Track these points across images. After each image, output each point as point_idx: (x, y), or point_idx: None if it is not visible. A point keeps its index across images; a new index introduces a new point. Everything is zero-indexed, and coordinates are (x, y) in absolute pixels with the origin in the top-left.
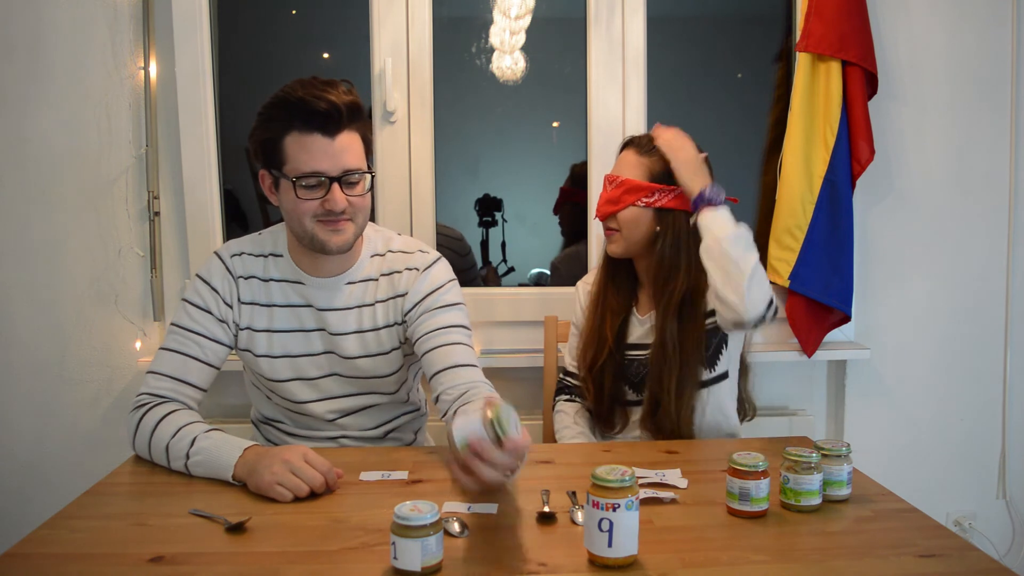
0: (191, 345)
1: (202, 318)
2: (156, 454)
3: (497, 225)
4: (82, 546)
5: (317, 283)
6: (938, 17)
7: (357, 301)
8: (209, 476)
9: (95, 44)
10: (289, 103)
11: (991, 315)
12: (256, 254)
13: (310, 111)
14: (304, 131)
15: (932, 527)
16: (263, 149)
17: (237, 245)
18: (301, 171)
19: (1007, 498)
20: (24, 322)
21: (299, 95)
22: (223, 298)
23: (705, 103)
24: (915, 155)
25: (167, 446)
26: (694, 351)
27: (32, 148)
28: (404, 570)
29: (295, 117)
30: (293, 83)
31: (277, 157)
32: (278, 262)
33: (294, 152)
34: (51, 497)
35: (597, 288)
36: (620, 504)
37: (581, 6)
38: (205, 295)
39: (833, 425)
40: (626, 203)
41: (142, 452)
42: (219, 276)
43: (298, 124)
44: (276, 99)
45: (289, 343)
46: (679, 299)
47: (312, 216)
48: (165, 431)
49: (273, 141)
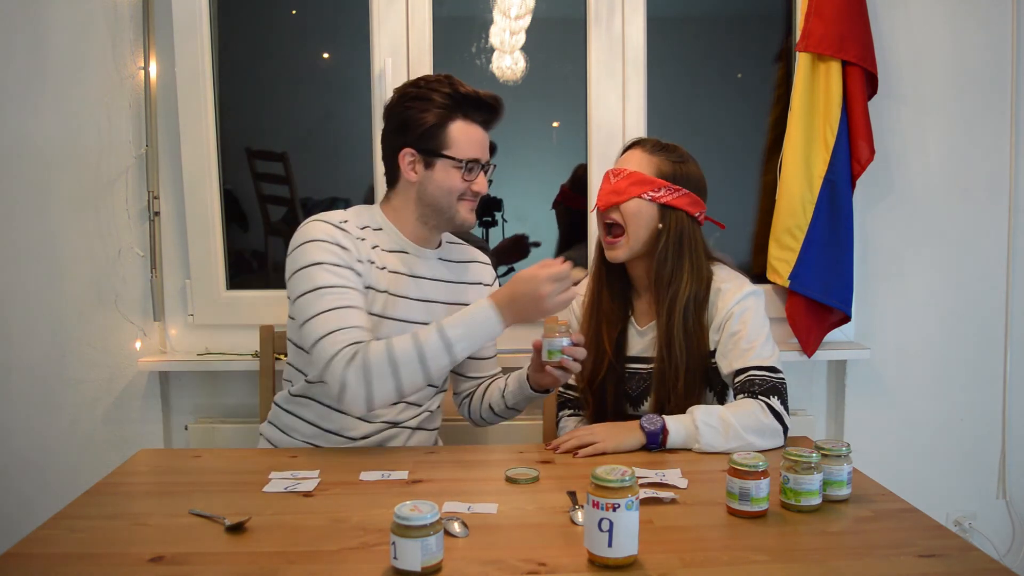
0: (350, 296)
1: (346, 274)
2: (408, 375)
3: (497, 225)
4: (82, 546)
5: (420, 252)
6: (938, 17)
7: (448, 276)
8: (480, 344)
9: (95, 44)
10: (461, 95)
11: (991, 315)
12: (358, 225)
13: (480, 105)
14: (469, 121)
15: (932, 527)
16: (423, 131)
17: (335, 215)
18: (466, 155)
19: (1007, 498)
20: (24, 322)
21: (470, 92)
22: (355, 256)
23: (705, 103)
24: (915, 155)
25: (419, 355)
26: (700, 360)
27: (32, 148)
28: (404, 570)
29: (464, 108)
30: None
31: (437, 140)
32: (378, 234)
33: (459, 137)
34: (51, 497)
35: (590, 297)
36: (620, 504)
37: (581, 6)
38: (340, 253)
39: (833, 425)
40: (631, 195)
41: (384, 394)
42: (343, 237)
43: (464, 114)
44: (442, 89)
45: (396, 306)
46: (684, 304)
47: (459, 194)
48: (404, 350)
49: (437, 126)
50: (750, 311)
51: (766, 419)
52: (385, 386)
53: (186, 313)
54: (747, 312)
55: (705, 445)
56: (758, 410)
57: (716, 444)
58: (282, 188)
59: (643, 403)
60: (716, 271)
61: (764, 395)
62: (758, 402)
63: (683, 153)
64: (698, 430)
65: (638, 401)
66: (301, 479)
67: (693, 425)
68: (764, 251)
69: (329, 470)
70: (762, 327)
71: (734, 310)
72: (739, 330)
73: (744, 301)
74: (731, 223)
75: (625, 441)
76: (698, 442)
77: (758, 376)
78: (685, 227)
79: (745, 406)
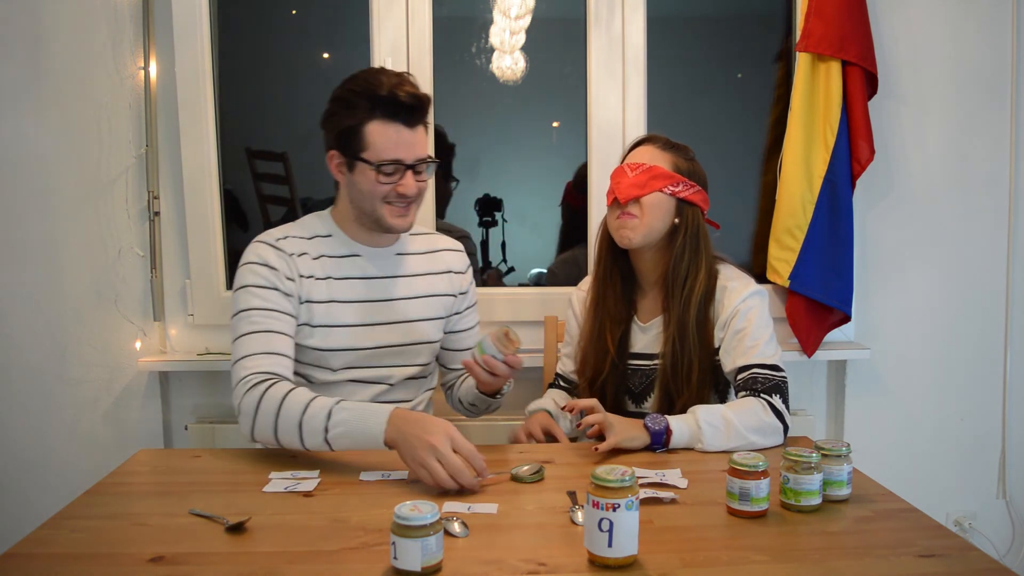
0: (270, 321)
1: (270, 295)
2: (285, 434)
3: (497, 225)
4: (82, 546)
5: (374, 253)
6: (938, 17)
7: (409, 271)
8: (355, 447)
9: (95, 44)
10: (374, 94)
11: (991, 315)
12: (300, 236)
13: (396, 103)
14: (387, 120)
15: (932, 527)
16: (342, 133)
17: (279, 231)
18: (383, 158)
19: (1007, 498)
20: (24, 322)
21: (385, 87)
22: (284, 274)
23: (705, 103)
24: (915, 155)
25: (299, 423)
26: (707, 356)
27: (32, 148)
28: (404, 570)
29: (379, 107)
30: (370, 73)
31: (356, 142)
32: (327, 241)
33: (375, 139)
34: (51, 497)
35: (594, 293)
36: (620, 504)
37: (581, 6)
38: (266, 275)
39: (833, 425)
40: (653, 188)
41: (264, 435)
42: (275, 257)
43: (381, 113)
44: (359, 88)
45: (347, 313)
46: (698, 300)
47: (383, 199)
48: (292, 410)
49: (353, 128)
50: (755, 309)
51: (767, 418)
52: (265, 429)
53: (186, 313)
54: (752, 311)
55: (708, 445)
56: (759, 409)
57: (718, 444)
58: (282, 188)
59: (646, 399)
60: (722, 269)
61: (766, 393)
62: (759, 400)
63: (692, 151)
64: (701, 430)
65: (641, 398)
66: (301, 479)
67: (696, 425)
68: (764, 251)
69: (329, 470)
70: (766, 326)
71: (740, 308)
72: (744, 328)
73: (750, 299)
74: (731, 223)
75: (634, 438)
76: (701, 442)
77: (761, 374)
78: (700, 223)
79: (747, 405)
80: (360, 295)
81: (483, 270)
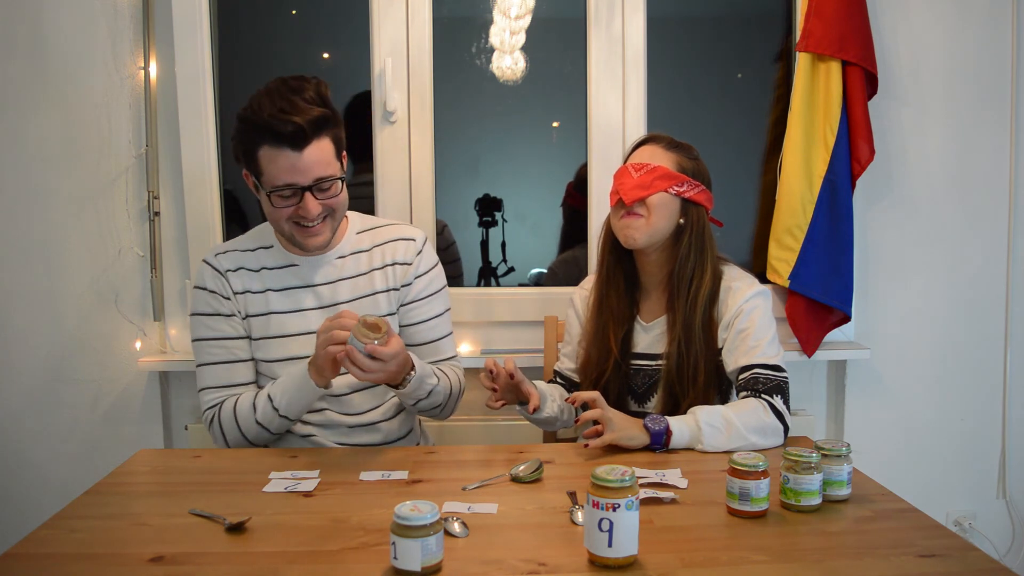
0: (220, 352)
1: (214, 323)
2: (255, 435)
3: (497, 225)
4: (82, 546)
5: (310, 261)
6: (938, 17)
7: (352, 272)
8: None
9: (95, 44)
10: (256, 124)
11: (991, 315)
12: (243, 249)
13: (276, 133)
14: (274, 147)
15: (932, 527)
16: (242, 157)
17: (222, 246)
18: (274, 184)
19: (1007, 498)
20: (24, 322)
21: (265, 117)
22: (220, 294)
23: (705, 103)
24: (915, 155)
25: (256, 421)
26: (712, 357)
27: (32, 148)
28: (404, 570)
29: (263, 136)
30: (261, 97)
31: (254, 167)
32: (269, 252)
33: (266, 166)
34: (51, 497)
35: (597, 292)
36: (620, 504)
37: (581, 6)
38: (207, 299)
39: (833, 425)
40: (658, 188)
41: (236, 440)
42: (210, 277)
43: (268, 140)
44: (246, 113)
45: (288, 323)
46: (704, 300)
47: (288, 219)
48: (245, 416)
49: (248, 153)
50: (759, 309)
51: (768, 418)
52: (236, 437)
53: (186, 313)
54: (756, 311)
55: (708, 445)
56: (760, 409)
57: (719, 444)
58: None
59: (649, 399)
60: (726, 269)
61: (767, 394)
62: (760, 401)
63: (695, 151)
64: (701, 431)
65: (644, 397)
66: (301, 479)
67: (696, 426)
68: (764, 251)
69: (329, 470)
70: (769, 326)
71: (743, 307)
72: (747, 327)
73: (754, 299)
74: (731, 223)
75: (633, 437)
76: (701, 442)
77: (762, 374)
78: (705, 223)
79: (747, 405)
80: (304, 304)
81: (483, 270)
